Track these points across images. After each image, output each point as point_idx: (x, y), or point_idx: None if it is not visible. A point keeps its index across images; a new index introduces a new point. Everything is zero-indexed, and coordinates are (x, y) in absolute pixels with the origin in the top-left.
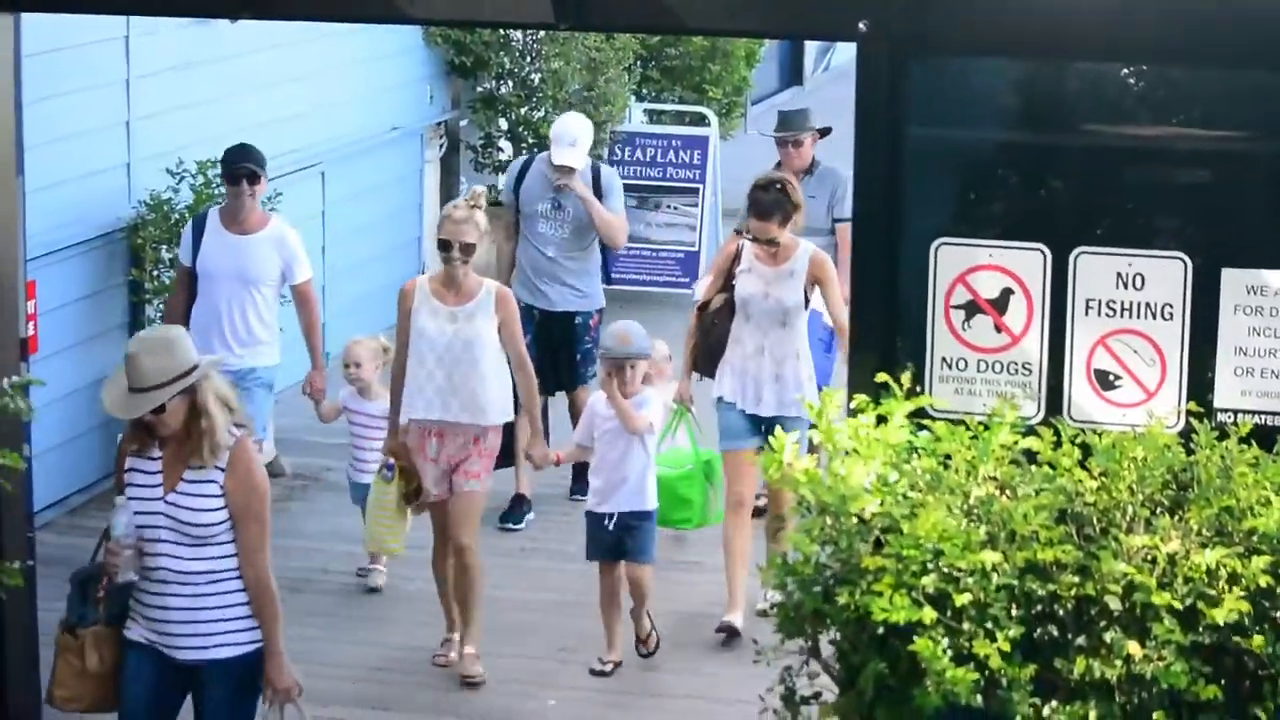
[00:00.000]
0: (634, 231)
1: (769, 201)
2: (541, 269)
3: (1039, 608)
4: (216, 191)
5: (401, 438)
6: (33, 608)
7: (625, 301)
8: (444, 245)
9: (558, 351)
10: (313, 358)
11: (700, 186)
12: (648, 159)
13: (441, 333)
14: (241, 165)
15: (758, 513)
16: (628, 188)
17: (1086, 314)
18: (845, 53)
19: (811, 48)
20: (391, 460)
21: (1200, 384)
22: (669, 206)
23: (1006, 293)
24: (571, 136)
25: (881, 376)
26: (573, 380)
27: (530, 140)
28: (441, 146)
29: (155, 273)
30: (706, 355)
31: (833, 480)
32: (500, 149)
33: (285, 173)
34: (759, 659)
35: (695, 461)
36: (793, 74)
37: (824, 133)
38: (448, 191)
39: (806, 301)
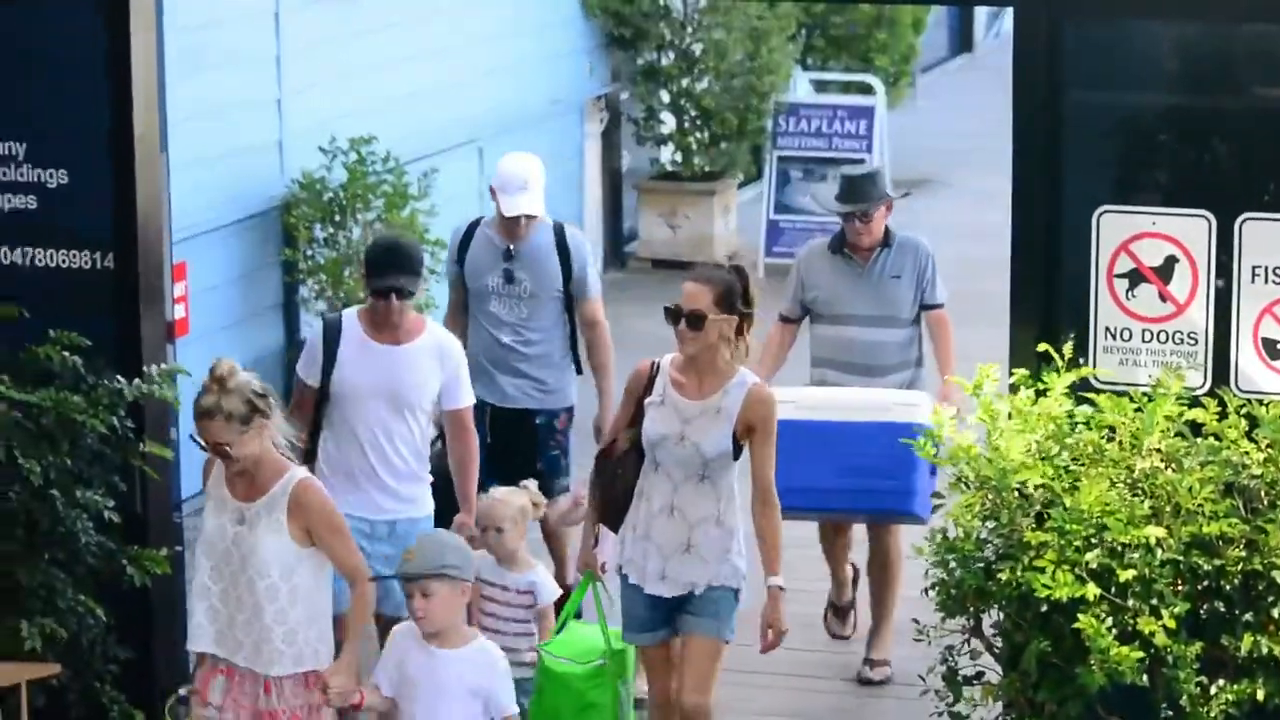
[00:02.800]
0: (799, 204)
1: (710, 274)
2: (495, 357)
3: (1205, 583)
4: (370, 171)
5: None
6: (180, 594)
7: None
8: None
9: (514, 461)
10: (462, 501)
11: (867, 157)
12: (812, 130)
13: None
14: (389, 280)
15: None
16: (793, 160)
17: (1253, 281)
18: None
19: (981, 13)
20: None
21: None
22: (835, 177)
23: (1171, 261)
24: (520, 179)
25: (1042, 347)
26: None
27: (692, 112)
28: (602, 120)
29: (309, 252)
30: (612, 510)
31: (993, 454)
32: (662, 122)
33: (441, 149)
34: (920, 638)
35: (606, 653)
36: (962, 41)
37: (904, 195)
38: (610, 166)
39: (736, 452)
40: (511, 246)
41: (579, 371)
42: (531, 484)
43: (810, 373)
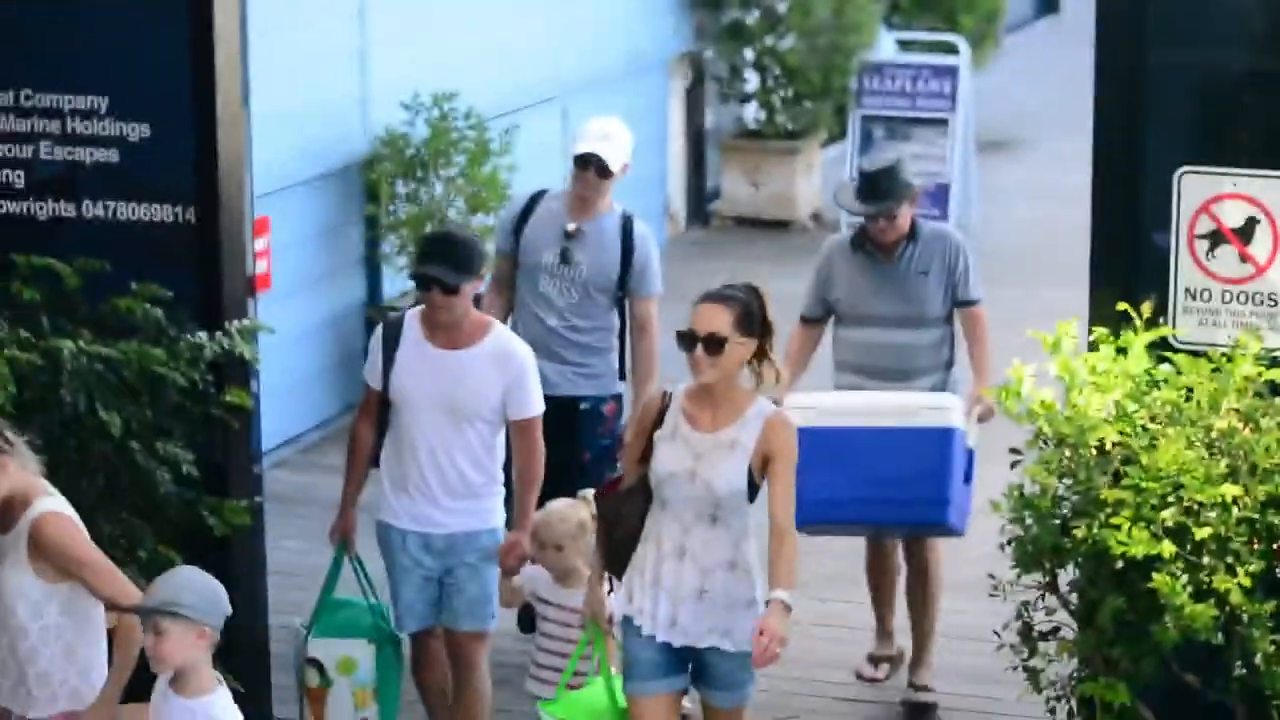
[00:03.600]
0: None
1: (726, 294)
2: (540, 341)
3: None
4: (454, 127)
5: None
6: (260, 547)
7: None
8: None
9: (559, 450)
10: (518, 518)
11: (951, 118)
12: (896, 89)
13: None
14: (428, 268)
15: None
16: (877, 119)
17: None
18: None
19: None
20: None
21: None
22: (919, 138)
23: (1252, 222)
24: (601, 130)
25: (1121, 306)
26: (572, 485)
27: (776, 71)
28: (686, 78)
29: (391, 208)
30: (613, 555)
31: (1071, 411)
32: (746, 80)
33: (524, 106)
34: (996, 594)
35: (611, 711)
36: (1047, 2)
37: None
38: (693, 124)
39: (754, 490)
40: (575, 225)
41: (622, 377)
42: (589, 494)
43: (833, 378)
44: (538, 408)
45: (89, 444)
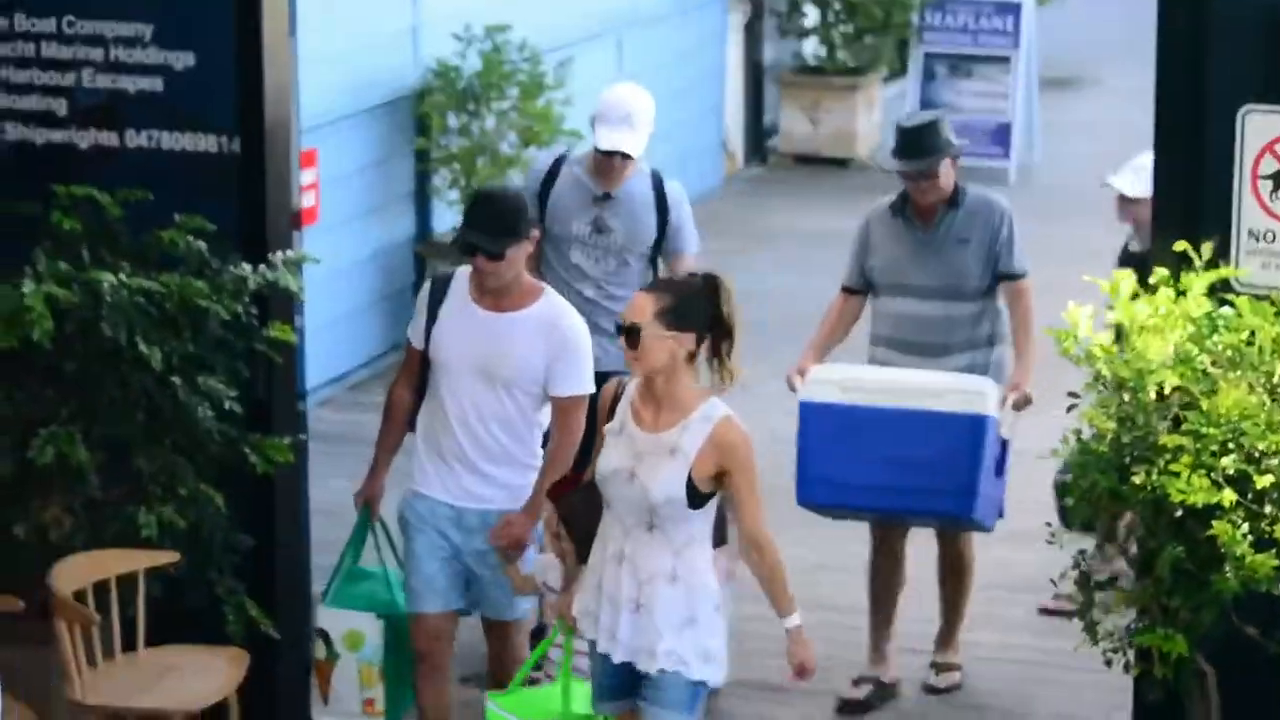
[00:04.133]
0: (945, 100)
1: (667, 283)
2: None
3: None
4: (507, 60)
5: None
6: (303, 484)
7: None
8: None
9: (593, 428)
10: (531, 496)
11: (1013, 54)
12: (959, 25)
13: None
14: (471, 235)
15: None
16: (939, 56)
17: None
18: None
19: None
20: None
21: None
22: (981, 75)
23: None
24: (622, 110)
25: (1181, 246)
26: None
27: (837, 6)
28: (745, 12)
29: (442, 141)
30: (580, 554)
31: (1130, 355)
32: (805, 14)
33: (578, 39)
34: (1053, 541)
35: (563, 715)
36: None
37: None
38: (752, 59)
39: (697, 500)
40: (606, 191)
41: None
42: None
43: (867, 351)
44: (582, 387)
45: (129, 378)
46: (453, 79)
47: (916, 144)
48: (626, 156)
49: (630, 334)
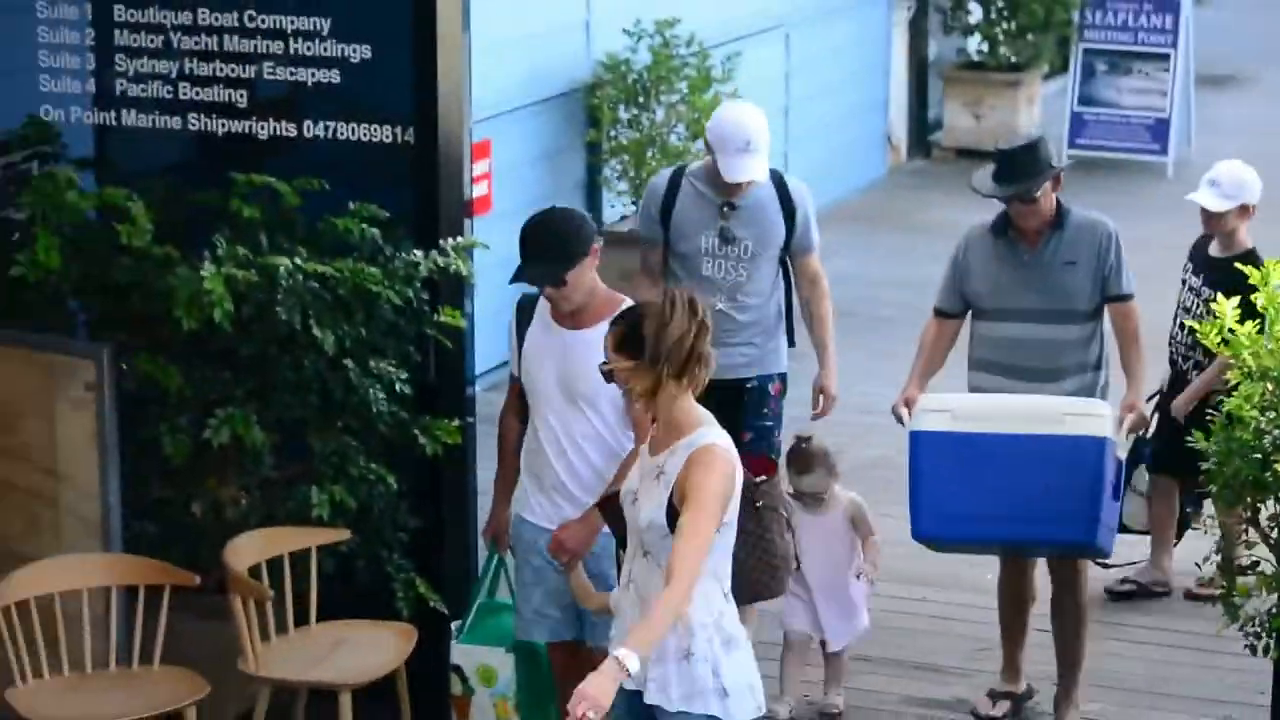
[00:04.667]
0: (1104, 96)
1: (624, 314)
2: None
3: None
4: (676, 54)
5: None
6: (471, 466)
7: (1092, 168)
8: None
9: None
10: (591, 506)
11: (1172, 52)
12: (1119, 23)
13: None
14: (527, 270)
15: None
16: (1098, 52)
17: None
18: None
19: None
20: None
21: None
22: (1140, 71)
23: None
24: (742, 137)
25: None
26: None
27: (1000, 3)
28: (909, 8)
29: (612, 133)
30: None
31: (1275, 344)
32: (969, 11)
33: (746, 34)
34: (1197, 528)
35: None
36: None
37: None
38: (916, 55)
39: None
40: (730, 201)
41: (791, 343)
42: None
43: (968, 377)
44: None
45: (303, 361)
46: (623, 72)
47: (1015, 167)
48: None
49: (607, 376)
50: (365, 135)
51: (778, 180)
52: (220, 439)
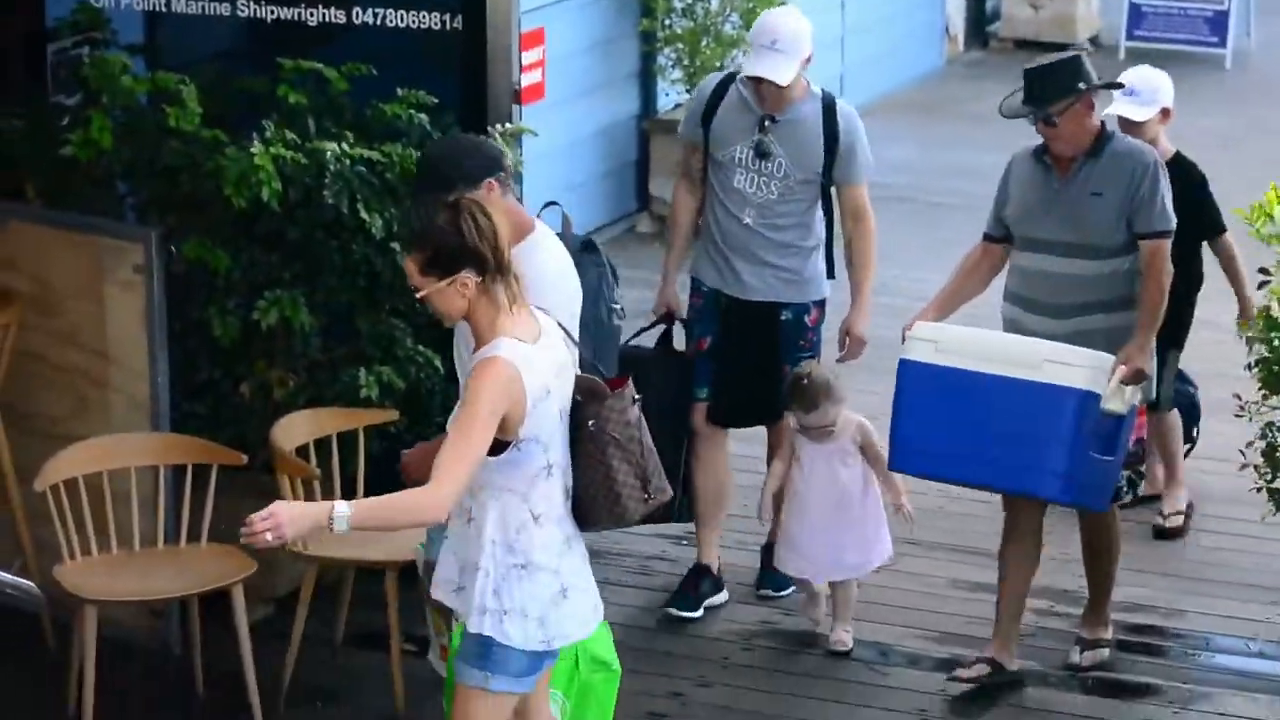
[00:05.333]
0: None
1: (421, 229)
2: (735, 241)
3: None
4: None
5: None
6: None
7: (1150, 60)
8: None
9: (752, 361)
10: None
11: None
12: None
13: None
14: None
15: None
16: None
17: None
18: None
19: None
20: None
21: None
22: None
23: None
24: (770, 34)
25: None
26: (774, 407)
27: None
28: None
29: (667, 22)
30: None
31: None
32: None
33: None
34: (1242, 414)
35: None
36: None
37: (1110, 86)
38: None
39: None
40: (770, 115)
41: (831, 274)
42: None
43: (1000, 309)
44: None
45: (351, 245)
46: None
47: (1038, 88)
48: (777, 87)
49: (422, 304)
50: (414, 22)
51: (827, 104)
52: (268, 321)
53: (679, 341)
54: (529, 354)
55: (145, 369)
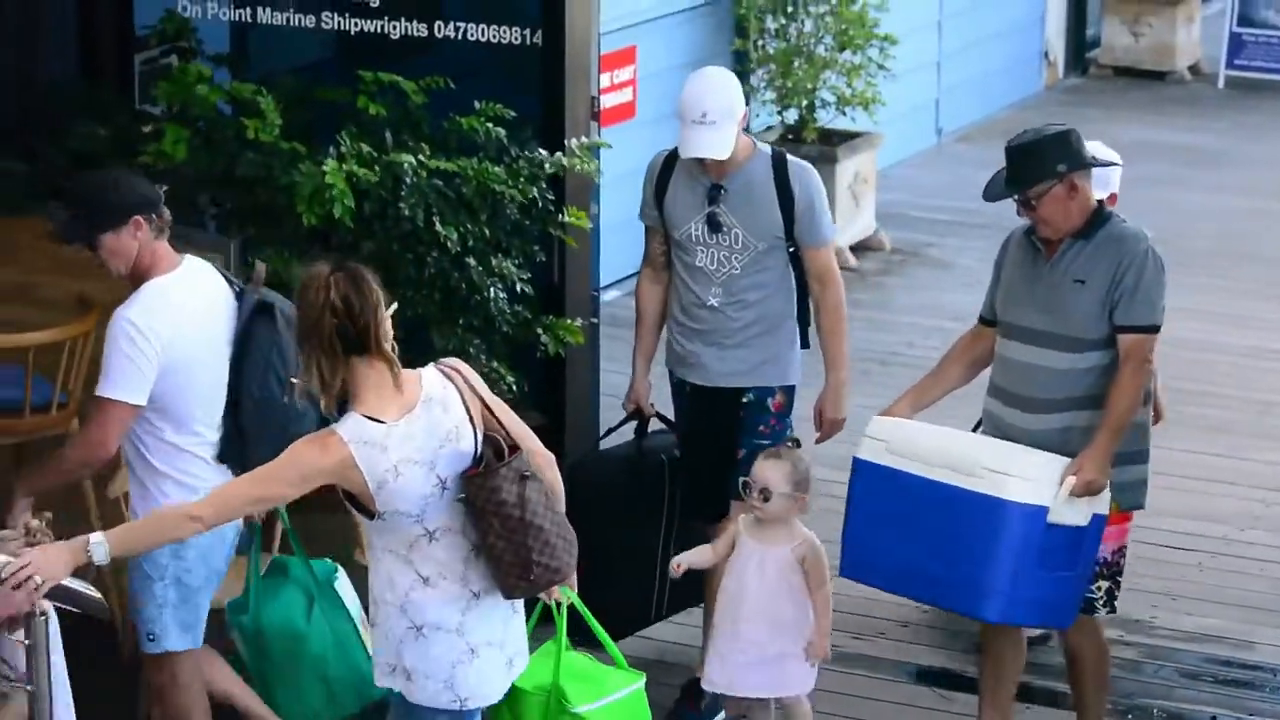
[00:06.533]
0: (1263, 17)
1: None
2: (700, 324)
3: None
4: None
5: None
6: (594, 366)
7: (1250, 89)
8: None
9: (712, 448)
10: None
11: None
12: None
13: None
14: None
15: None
16: None
17: None
18: None
19: None
20: None
21: None
22: None
23: None
24: (698, 107)
25: None
26: (719, 498)
27: None
28: None
29: (759, 42)
30: None
31: None
32: None
33: None
34: None
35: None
36: None
37: (1096, 165)
38: None
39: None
40: (718, 183)
41: (804, 345)
42: None
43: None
44: (104, 389)
45: (426, 258)
46: None
47: (1016, 168)
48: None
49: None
50: (494, 36)
51: (778, 161)
52: None
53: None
54: (383, 435)
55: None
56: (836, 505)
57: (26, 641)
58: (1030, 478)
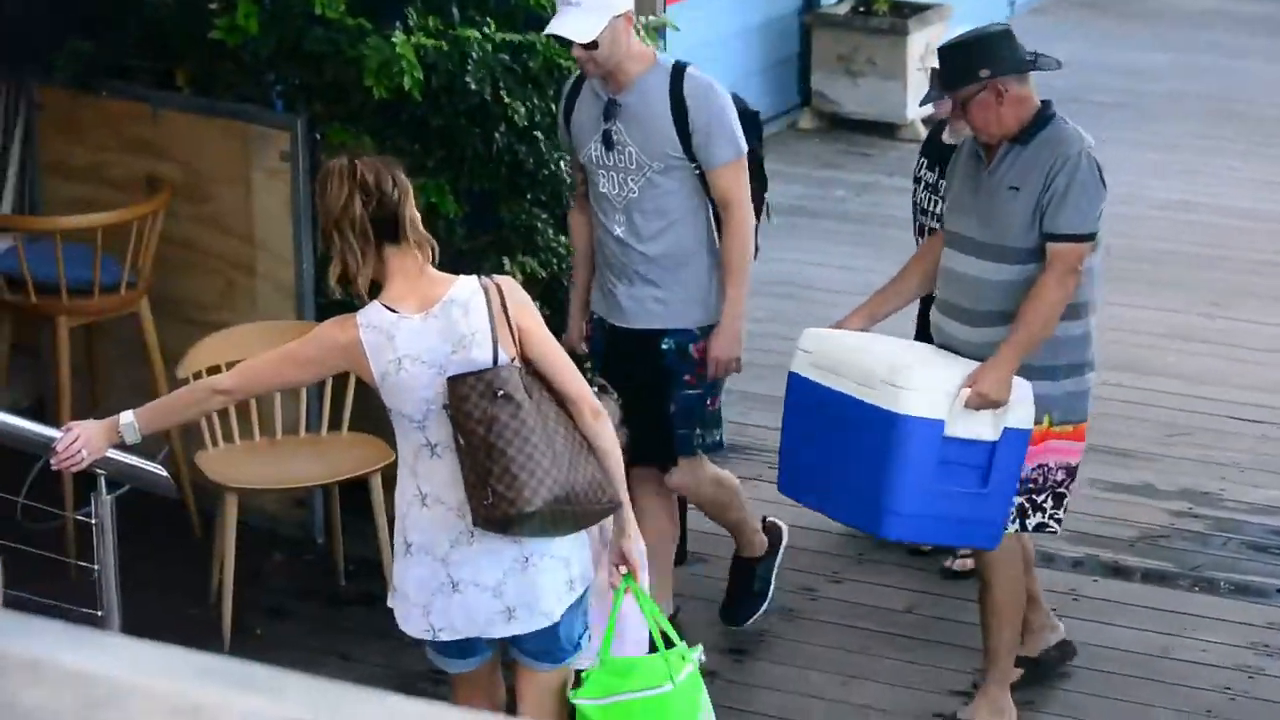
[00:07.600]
0: None
1: None
2: (612, 258)
3: None
4: None
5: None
6: None
7: None
8: None
9: (643, 403)
10: None
11: None
12: None
13: None
14: None
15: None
16: None
17: None
18: None
19: None
20: None
21: None
22: None
23: None
24: None
25: None
26: (661, 449)
27: None
28: None
29: None
30: None
31: None
32: None
33: None
34: None
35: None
36: None
37: (1029, 68)
38: None
39: None
40: (613, 97)
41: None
42: None
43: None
44: None
45: (493, 133)
46: None
47: (944, 70)
48: (588, 47)
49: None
50: None
51: (675, 75)
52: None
53: None
54: (391, 324)
55: (291, 255)
56: None
57: (94, 520)
58: (926, 389)
